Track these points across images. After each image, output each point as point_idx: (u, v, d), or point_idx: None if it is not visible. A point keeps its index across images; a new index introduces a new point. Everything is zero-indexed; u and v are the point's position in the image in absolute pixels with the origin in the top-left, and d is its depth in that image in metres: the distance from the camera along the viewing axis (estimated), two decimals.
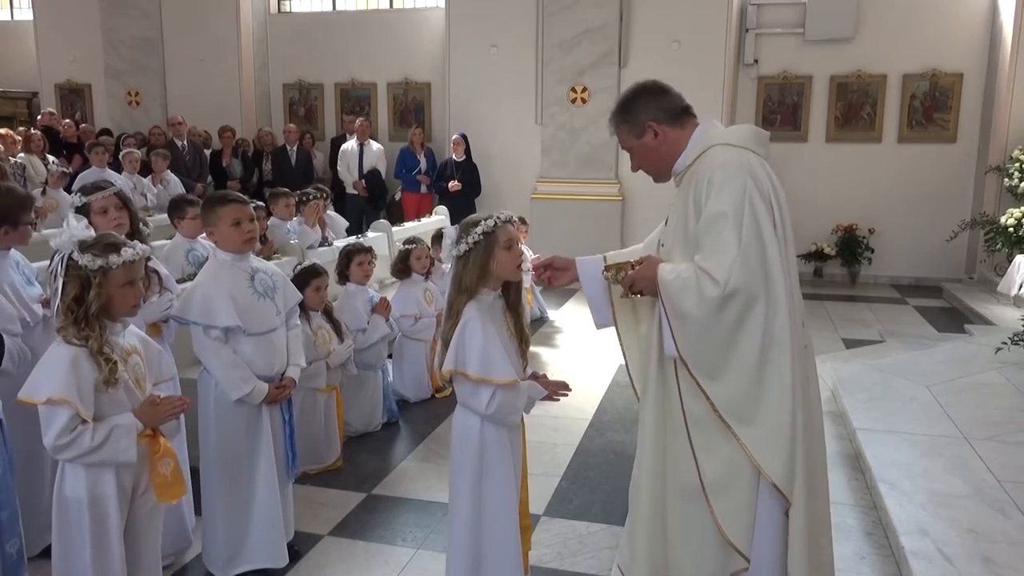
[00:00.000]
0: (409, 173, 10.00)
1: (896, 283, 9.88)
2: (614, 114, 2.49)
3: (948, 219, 9.33)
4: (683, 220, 2.34)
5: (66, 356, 2.22)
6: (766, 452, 2.19)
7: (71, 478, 2.30)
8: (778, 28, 9.87)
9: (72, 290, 2.24)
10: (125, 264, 2.29)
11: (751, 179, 2.22)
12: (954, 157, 9.65)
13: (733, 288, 2.15)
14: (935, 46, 9.47)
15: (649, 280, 2.32)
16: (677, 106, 2.43)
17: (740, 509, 2.26)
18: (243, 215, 2.99)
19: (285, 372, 3.16)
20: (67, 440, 2.20)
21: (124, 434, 2.26)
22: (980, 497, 3.42)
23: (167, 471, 2.38)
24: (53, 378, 2.20)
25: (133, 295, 2.34)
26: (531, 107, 10.25)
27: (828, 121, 9.91)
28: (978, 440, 4.03)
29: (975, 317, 7.70)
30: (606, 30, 9.74)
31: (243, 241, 3.00)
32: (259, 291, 3.05)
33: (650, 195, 9.94)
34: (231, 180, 10.28)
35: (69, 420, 2.19)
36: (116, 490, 2.32)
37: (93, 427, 2.21)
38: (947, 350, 5.83)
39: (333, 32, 11.43)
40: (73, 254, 2.24)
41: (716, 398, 2.22)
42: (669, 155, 2.43)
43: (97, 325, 2.26)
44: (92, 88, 12.38)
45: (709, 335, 2.21)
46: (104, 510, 2.30)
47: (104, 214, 3.10)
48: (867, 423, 4.32)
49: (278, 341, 3.12)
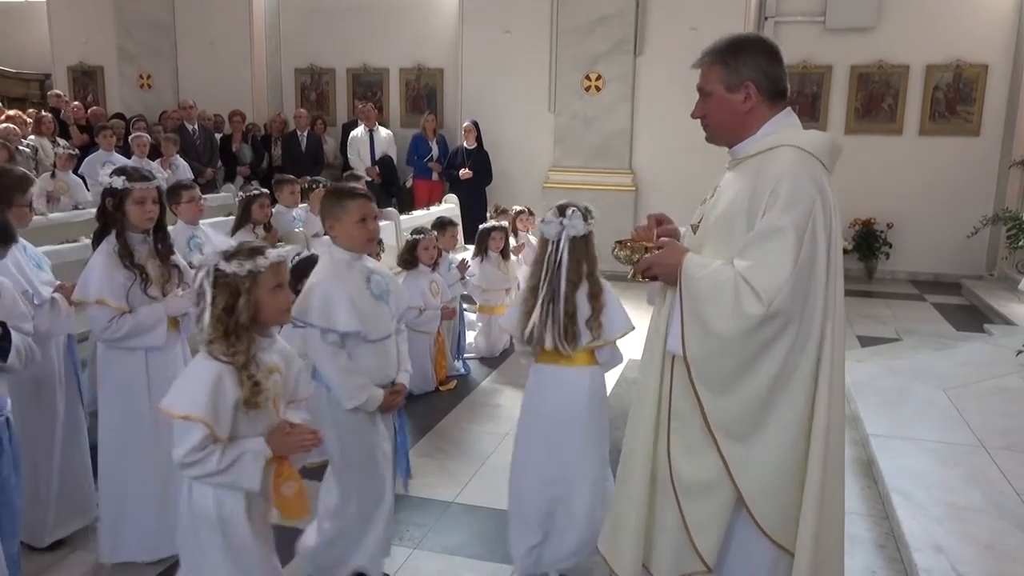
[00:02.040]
0: (421, 160, 9.90)
1: (914, 279, 9.69)
2: (716, 50, 2.20)
3: (969, 214, 9.10)
4: (730, 215, 2.13)
5: (211, 372, 2.14)
6: (746, 473, 2.07)
7: (198, 495, 2.23)
8: (798, 16, 9.64)
9: (222, 300, 2.16)
10: (272, 266, 2.20)
11: (819, 201, 2.03)
12: (977, 151, 9.42)
13: (776, 310, 1.97)
14: (960, 36, 9.22)
15: (670, 268, 2.13)
16: (783, 83, 2.19)
17: (712, 521, 2.14)
18: (369, 211, 2.80)
19: (396, 378, 2.98)
20: (195, 459, 2.12)
21: (252, 460, 2.17)
22: (999, 511, 3.29)
23: (290, 493, 2.27)
24: (194, 394, 2.12)
25: (283, 298, 2.26)
26: (544, 95, 10.10)
27: (848, 112, 9.69)
28: (997, 449, 3.90)
29: (995, 316, 7.54)
30: (622, 17, 9.56)
31: (367, 240, 2.82)
32: (375, 294, 2.85)
33: (664, 185, 9.84)
34: (241, 165, 10.23)
35: (202, 440, 2.10)
36: (244, 508, 2.23)
37: (222, 449, 2.13)
38: (966, 351, 5.68)
39: (345, 17, 11.29)
40: (219, 264, 2.16)
41: (712, 412, 2.08)
42: (744, 127, 2.19)
43: (246, 338, 2.18)
44: (104, 70, 12.33)
45: (731, 352, 2.04)
46: (234, 528, 2.22)
47: (141, 204, 2.97)
48: (881, 428, 4.19)
49: (393, 347, 2.95)
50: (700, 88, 2.24)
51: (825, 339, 2.06)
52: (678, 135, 7.83)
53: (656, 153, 9.83)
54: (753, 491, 2.09)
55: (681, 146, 8.02)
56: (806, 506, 2.08)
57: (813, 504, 2.07)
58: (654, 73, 9.61)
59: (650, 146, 9.87)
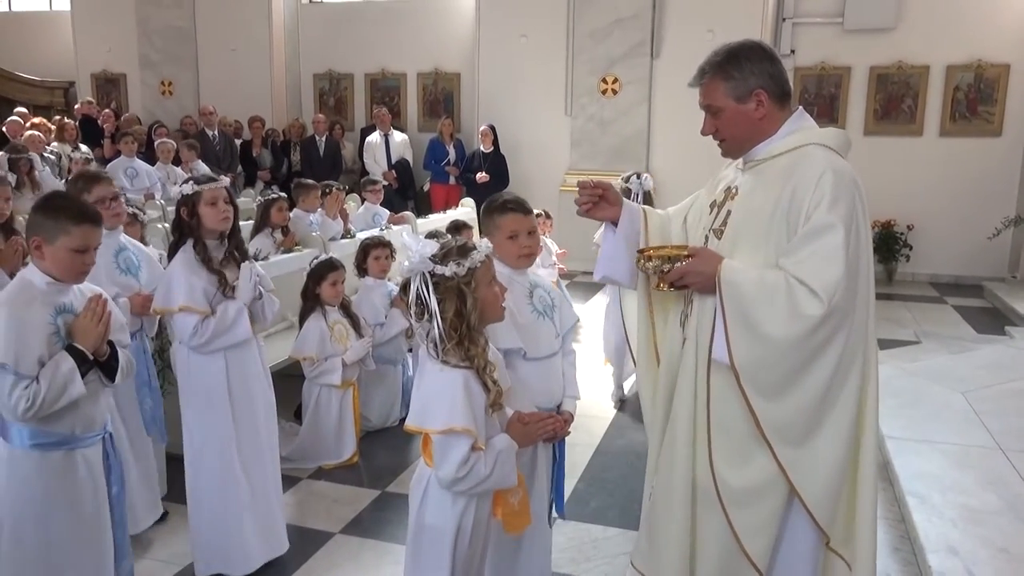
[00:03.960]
0: (438, 164, 9.96)
1: (935, 281, 9.59)
2: (716, 65, 2.15)
3: (991, 215, 8.99)
4: (763, 216, 2.08)
5: (459, 381, 2.03)
6: (806, 476, 2.03)
7: (436, 506, 2.15)
8: (816, 17, 9.58)
9: (451, 305, 2.04)
10: (487, 259, 2.10)
11: (859, 196, 2.04)
12: (999, 151, 9.31)
13: (835, 307, 1.93)
14: (980, 36, 9.12)
15: (706, 277, 2.07)
16: (787, 83, 2.17)
17: (763, 525, 2.11)
18: (521, 227, 2.61)
19: (561, 404, 2.73)
20: (465, 472, 2.04)
21: (507, 458, 2.10)
22: (1015, 514, 3.26)
23: (516, 500, 2.20)
24: (451, 407, 2.02)
25: (500, 292, 2.16)
26: (561, 98, 10.12)
27: (867, 114, 9.61)
28: (1014, 451, 3.86)
29: (1017, 318, 7.43)
30: (638, 20, 9.57)
31: (517, 256, 2.62)
32: (539, 309, 2.66)
33: (680, 187, 9.71)
34: (261, 170, 10.34)
35: (468, 450, 2.02)
36: (474, 521, 2.18)
37: (484, 455, 2.06)
38: (985, 354, 5.62)
39: (364, 22, 11.40)
40: (435, 269, 2.03)
41: (764, 416, 2.03)
42: (759, 133, 2.16)
43: (480, 339, 2.10)
44: (127, 78, 12.53)
45: (786, 356, 1.98)
46: (465, 540, 2.17)
47: (214, 205, 3.00)
48: (897, 431, 4.16)
49: (558, 367, 2.72)
50: (707, 106, 2.19)
51: (870, 334, 2.05)
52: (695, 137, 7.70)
53: (673, 155, 9.81)
54: (813, 491, 2.05)
55: (698, 148, 7.95)
56: (863, 498, 2.07)
57: (870, 497, 2.07)
58: (671, 75, 9.59)
59: (667, 148, 9.86)
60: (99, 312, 2.37)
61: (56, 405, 2.28)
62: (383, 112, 10.23)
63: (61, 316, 2.35)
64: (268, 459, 3.24)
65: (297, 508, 3.81)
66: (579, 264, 8.93)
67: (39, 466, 2.37)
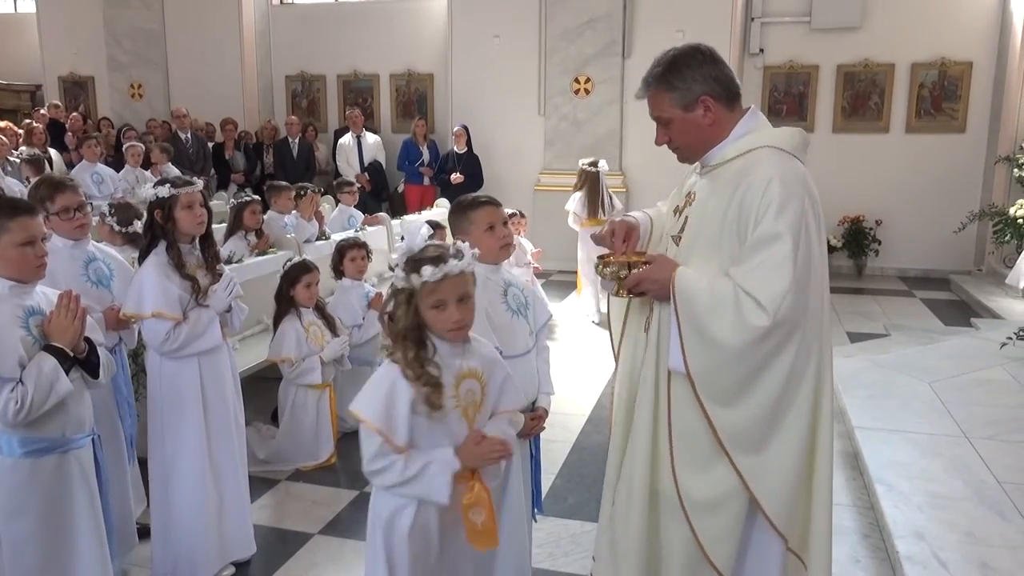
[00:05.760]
0: (412, 165, 9.95)
1: (903, 275, 9.77)
2: (658, 76, 2.13)
3: (956, 210, 9.19)
4: (715, 223, 2.07)
5: (390, 376, 2.01)
6: (763, 484, 2.05)
7: (376, 494, 2.14)
8: (784, 17, 9.73)
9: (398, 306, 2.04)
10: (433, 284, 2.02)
11: (808, 198, 2.01)
12: (963, 147, 9.51)
13: (782, 319, 1.93)
14: (944, 35, 9.32)
15: (661, 284, 2.07)
16: (733, 83, 2.14)
17: (727, 532, 2.12)
18: (497, 218, 2.61)
19: (536, 401, 2.71)
20: (380, 467, 2.01)
21: (438, 472, 2.01)
22: (979, 499, 3.35)
23: (478, 520, 2.09)
24: (371, 398, 2.02)
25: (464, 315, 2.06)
26: (534, 98, 10.16)
27: (835, 111, 9.78)
28: (979, 439, 3.96)
29: (983, 310, 7.61)
30: (609, 20, 9.64)
31: (499, 247, 2.61)
32: (513, 308, 2.63)
33: (654, 186, 9.88)
34: (234, 173, 10.27)
35: (381, 446, 2.00)
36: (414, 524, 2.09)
37: (407, 458, 2.00)
38: (951, 345, 5.74)
39: (335, 23, 11.36)
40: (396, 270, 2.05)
41: (720, 424, 2.04)
42: (712, 138, 2.13)
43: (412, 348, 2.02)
44: (95, 80, 12.37)
45: (736, 364, 1.99)
46: (401, 537, 2.09)
47: (190, 208, 2.96)
48: (866, 421, 4.25)
49: (533, 364, 2.70)
50: (656, 117, 2.19)
51: (824, 338, 2.05)
52: None
53: (646, 154, 9.86)
54: (771, 498, 2.06)
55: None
56: (817, 502, 2.09)
57: (825, 500, 2.09)
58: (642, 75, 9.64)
59: (640, 147, 9.92)
60: (73, 308, 2.34)
61: (45, 405, 2.26)
62: (355, 114, 10.22)
63: (31, 318, 2.34)
64: (239, 463, 3.23)
65: (276, 510, 3.81)
66: (554, 263, 8.99)
67: (32, 474, 2.35)
